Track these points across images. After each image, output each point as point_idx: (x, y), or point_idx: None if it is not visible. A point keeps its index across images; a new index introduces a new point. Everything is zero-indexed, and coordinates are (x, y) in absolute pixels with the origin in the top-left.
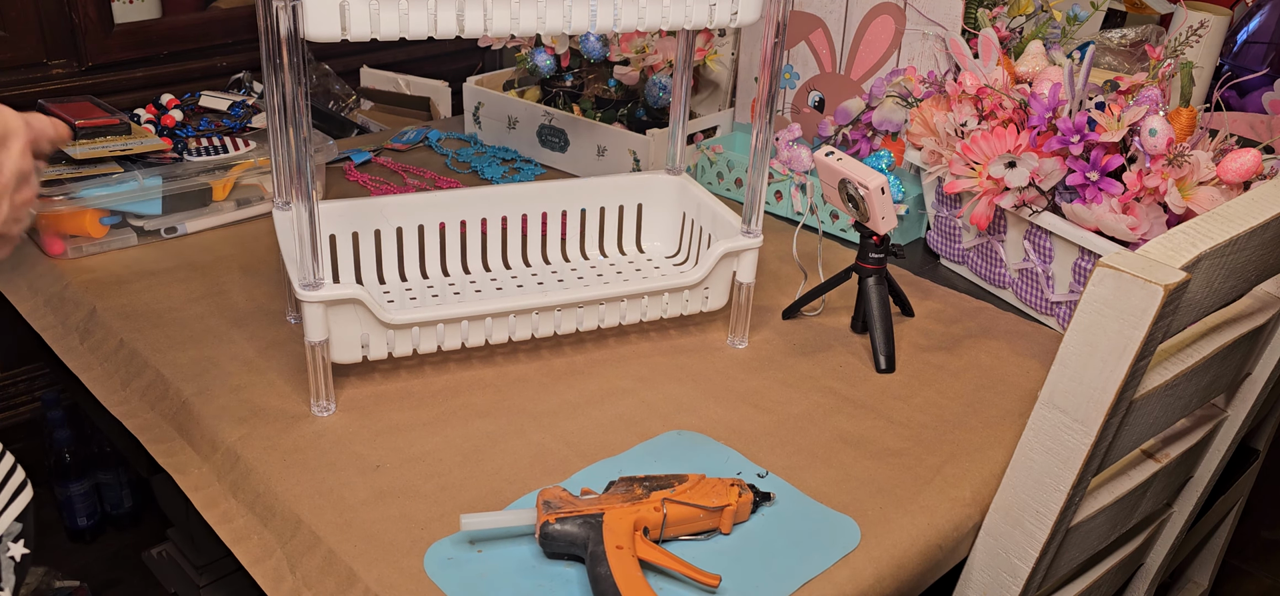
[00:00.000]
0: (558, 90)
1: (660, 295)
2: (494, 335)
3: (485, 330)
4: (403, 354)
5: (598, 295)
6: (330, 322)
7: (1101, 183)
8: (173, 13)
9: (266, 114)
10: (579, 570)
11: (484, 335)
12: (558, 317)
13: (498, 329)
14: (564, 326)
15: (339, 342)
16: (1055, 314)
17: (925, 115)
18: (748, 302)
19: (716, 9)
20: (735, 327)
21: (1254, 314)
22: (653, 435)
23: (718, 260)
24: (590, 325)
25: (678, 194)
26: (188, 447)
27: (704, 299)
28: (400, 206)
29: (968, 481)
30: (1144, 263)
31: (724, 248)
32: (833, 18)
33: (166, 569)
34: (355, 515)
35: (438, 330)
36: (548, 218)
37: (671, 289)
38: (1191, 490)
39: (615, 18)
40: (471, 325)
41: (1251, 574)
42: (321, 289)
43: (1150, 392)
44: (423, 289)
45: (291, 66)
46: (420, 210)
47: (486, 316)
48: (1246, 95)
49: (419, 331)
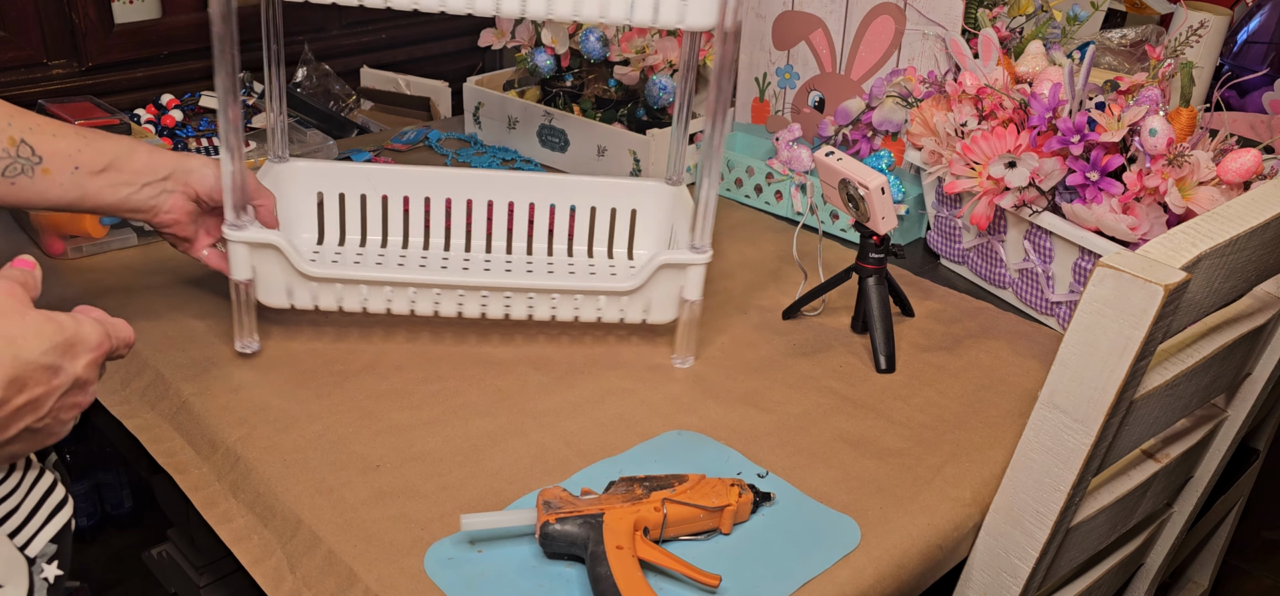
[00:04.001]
0: (558, 90)
1: (595, 297)
2: (418, 306)
3: (409, 299)
4: (328, 307)
5: (522, 284)
6: (255, 264)
7: (1101, 183)
8: (173, 13)
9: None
10: (579, 570)
11: (408, 304)
12: (484, 299)
13: (422, 300)
14: (492, 309)
15: (263, 284)
16: (1055, 314)
17: (925, 115)
18: (693, 321)
19: (662, 11)
20: (680, 346)
21: (1254, 314)
22: (653, 435)
23: (654, 271)
24: (520, 313)
25: (671, 203)
26: (188, 447)
27: (644, 310)
28: (400, 177)
29: (968, 481)
30: (1144, 263)
31: (663, 258)
32: (833, 18)
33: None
34: (355, 515)
35: (360, 291)
36: (535, 209)
37: (603, 292)
38: (1191, 490)
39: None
40: (395, 292)
41: (1251, 574)
42: (244, 231)
43: (1150, 392)
44: (392, 255)
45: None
46: (415, 183)
47: (410, 286)
48: (1246, 95)
49: (342, 288)
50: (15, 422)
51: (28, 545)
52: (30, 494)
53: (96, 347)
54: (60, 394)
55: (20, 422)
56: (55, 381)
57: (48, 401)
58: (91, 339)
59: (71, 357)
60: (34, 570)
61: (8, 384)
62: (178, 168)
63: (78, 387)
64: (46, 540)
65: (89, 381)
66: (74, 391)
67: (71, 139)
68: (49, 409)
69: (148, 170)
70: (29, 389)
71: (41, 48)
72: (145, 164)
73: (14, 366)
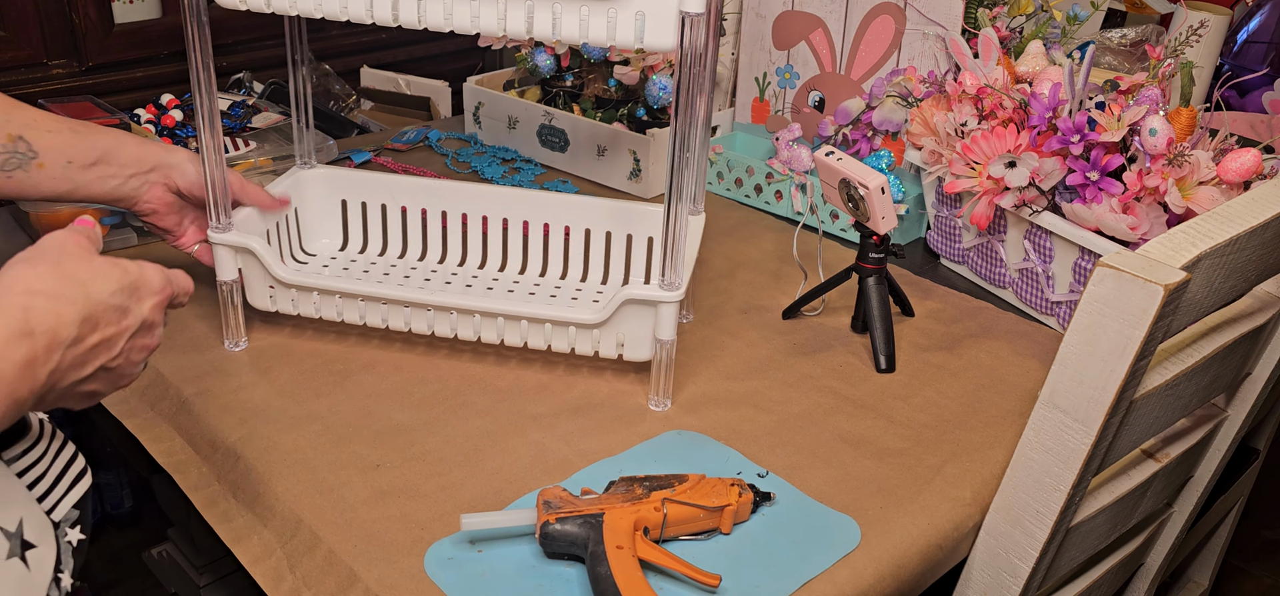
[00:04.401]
0: (558, 90)
1: (566, 327)
2: (391, 321)
3: (382, 314)
4: (308, 314)
5: (491, 308)
6: (242, 265)
7: (1101, 182)
8: (173, 13)
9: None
10: (579, 570)
11: (381, 319)
12: (454, 321)
13: (394, 316)
14: (463, 331)
15: (250, 286)
16: (1055, 314)
17: (925, 115)
18: (668, 361)
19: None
20: (656, 386)
21: (1254, 314)
22: (653, 435)
23: (619, 305)
24: (490, 338)
25: (695, 234)
26: (188, 447)
27: (618, 345)
28: (423, 189)
29: (968, 481)
30: (1144, 262)
31: (628, 293)
32: (833, 18)
33: (166, 569)
34: (355, 515)
35: (334, 301)
36: (529, 227)
37: (572, 323)
38: (1191, 490)
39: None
40: (367, 306)
41: (1251, 574)
42: (227, 233)
43: (1150, 392)
44: (403, 266)
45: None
46: (424, 196)
47: (382, 302)
48: (1246, 95)
49: (319, 297)
50: (92, 361)
51: (53, 510)
52: (55, 461)
53: (160, 291)
54: (130, 334)
55: (96, 361)
56: (125, 321)
57: (119, 342)
58: (154, 282)
59: (138, 299)
60: (58, 533)
61: (82, 321)
62: (162, 161)
63: (146, 329)
64: (70, 506)
65: (155, 323)
66: (142, 333)
67: (65, 135)
68: (121, 349)
69: (135, 162)
70: (101, 327)
71: (41, 47)
72: (133, 156)
73: (86, 305)
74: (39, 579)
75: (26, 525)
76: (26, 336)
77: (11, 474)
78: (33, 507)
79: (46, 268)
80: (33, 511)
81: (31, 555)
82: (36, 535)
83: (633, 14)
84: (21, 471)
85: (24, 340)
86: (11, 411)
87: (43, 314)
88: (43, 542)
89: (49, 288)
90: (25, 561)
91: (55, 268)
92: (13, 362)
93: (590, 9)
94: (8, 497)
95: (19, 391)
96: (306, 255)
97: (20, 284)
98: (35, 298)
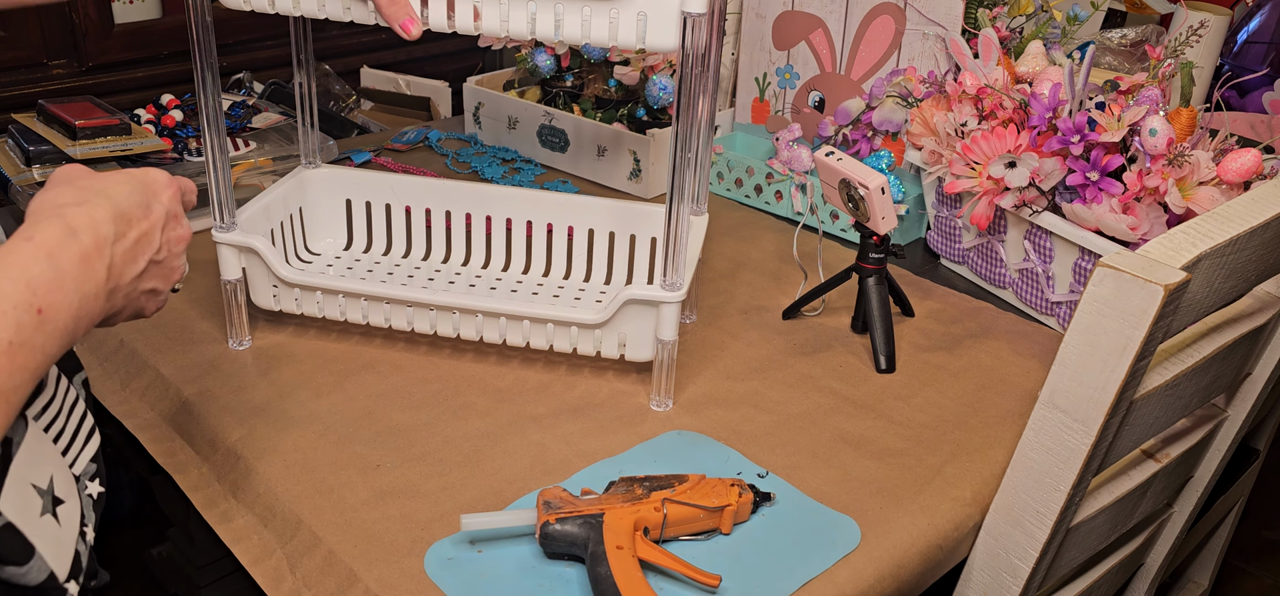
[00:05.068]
0: (558, 90)
1: (568, 327)
2: (394, 320)
3: (384, 313)
4: (310, 313)
5: (494, 308)
6: (245, 264)
7: (1102, 183)
8: (173, 13)
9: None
10: (579, 570)
11: (384, 318)
12: (457, 320)
13: (396, 315)
14: (465, 331)
15: (253, 285)
16: (1055, 314)
17: (925, 115)
18: (670, 361)
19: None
20: (658, 387)
21: (1254, 314)
22: (653, 435)
23: (621, 305)
24: (493, 337)
25: (698, 235)
26: (188, 447)
27: (620, 346)
28: (428, 189)
29: (968, 481)
30: (1144, 263)
31: (630, 294)
32: (833, 18)
33: (166, 569)
34: (355, 515)
35: (337, 300)
36: (532, 227)
37: (573, 323)
38: (1191, 490)
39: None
40: (370, 305)
41: (1252, 574)
42: (231, 232)
43: (1150, 392)
44: (407, 266)
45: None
46: (428, 196)
47: (384, 301)
48: (1246, 95)
49: (321, 297)
50: (139, 255)
51: (74, 464)
52: (71, 414)
53: (169, 184)
54: (161, 226)
55: (143, 255)
56: (152, 214)
57: (155, 234)
58: (161, 177)
59: (154, 195)
60: (80, 487)
61: (115, 218)
62: None
63: (173, 220)
64: (88, 459)
65: (178, 214)
66: (171, 224)
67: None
68: (160, 241)
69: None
70: (134, 223)
71: (41, 47)
72: None
73: (111, 205)
74: (67, 534)
75: (56, 481)
76: (72, 235)
77: (39, 429)
78: (60, 462)
79: (65, 186)
80: (60, 467)
81: (61, 510)
82: (64, 490)
83: (635, 15)
84: (46, 426)
85: (71, 240)
86: (86, 309)
87: (78, 216)
88: (69, 497)
89: (74, 198)
90: (56, 517)
91: (72, 184)
92: (71, 259)
93: (592, 10)
94: (38, 455)
95: (85, 286)
96: (311, 254)
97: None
98: (65, 208)
